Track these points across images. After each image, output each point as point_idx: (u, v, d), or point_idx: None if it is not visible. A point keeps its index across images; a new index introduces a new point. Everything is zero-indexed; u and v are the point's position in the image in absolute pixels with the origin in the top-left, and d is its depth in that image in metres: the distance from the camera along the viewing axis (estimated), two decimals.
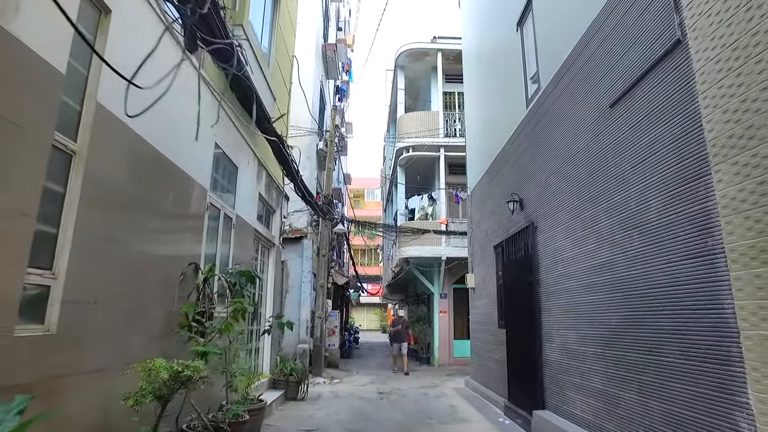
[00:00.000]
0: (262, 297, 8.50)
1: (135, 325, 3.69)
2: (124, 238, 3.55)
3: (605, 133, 4.44)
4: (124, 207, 3.55)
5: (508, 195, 7.48)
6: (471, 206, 10.80)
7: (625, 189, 4.06)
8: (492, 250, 8.68)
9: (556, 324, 5.53)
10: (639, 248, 3.82)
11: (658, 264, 3.55)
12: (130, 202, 3.64)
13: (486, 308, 9.08)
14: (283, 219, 9.53)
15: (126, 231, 3.58)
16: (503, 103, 8.41)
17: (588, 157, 4.78)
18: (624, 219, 4.05)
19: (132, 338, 3.62)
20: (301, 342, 11.84)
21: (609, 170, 4.34)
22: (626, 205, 4.03)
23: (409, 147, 16.12)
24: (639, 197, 3.84)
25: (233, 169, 6.39)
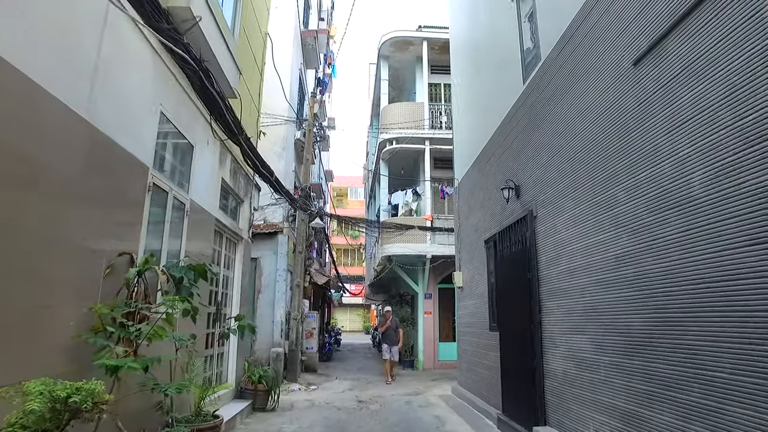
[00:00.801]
0: (227, 296, 7.60)
1: (31, 330, 2.80)
2: (21, 222, 2.67)
3: (627, 98, 3.68)
4: (20, 182, 2.68)
5: (501, 183, 6.73)
6: (458, 199, 10.04)
7: (655, 161, 3.30)
8: (482, 245, 7.92)
9: (561, 327, 4.78)
10: (675, 234, 3.06)
11: (704, 252, 2.80)
12: (29, 176, 2.77)
13: (475, 309, 8.32)
14: (253, 211, 8.64)
15: (24, 213, 2.70)
16: (495, 86, 7.66)
17: (603, 129, 4.03)
18: (654, 198, 3.30)
19: (23, 348, 2.73)
20: (275, 345, 10.95)
21: (633, 141, 3.59)
22: (657, 180, 3.27)
23: (393, 139, 15.32)
24: (676, 169, 3.09)
25: (187, 148, 5.50)
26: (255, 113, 8.83)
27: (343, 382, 11.56)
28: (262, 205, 11.89)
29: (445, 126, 15.78)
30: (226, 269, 7.53)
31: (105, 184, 3.64)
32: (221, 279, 7.10)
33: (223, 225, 6.97)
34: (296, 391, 10.10)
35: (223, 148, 6.83)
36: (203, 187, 6.03)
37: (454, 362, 14.80)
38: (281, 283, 11.33)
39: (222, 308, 7.03)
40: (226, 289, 7.51)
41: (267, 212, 12.13)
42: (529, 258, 5.58)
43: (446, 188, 14.96)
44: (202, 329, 5.92)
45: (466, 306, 9.00)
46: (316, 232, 13.32)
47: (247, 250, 8.37)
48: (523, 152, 6.02)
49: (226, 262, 7.49)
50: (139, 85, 4.22)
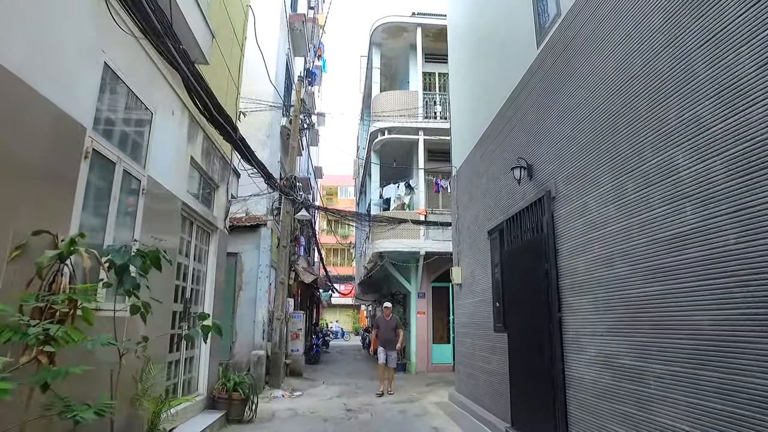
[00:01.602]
0: (199, 293, 6.72)
1: None
2: None
3: (694, 30, 2.89)
4: None
5: (509, 164, 5.94)
6: (457, 189, 9.24)
7: (743, 106, 2.51)
8: (485, 236, 7.13)
9: (589, 327, 3.98)
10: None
11: None
12: None
13: (476, 308, 7.52)
14: (230, 198, 7.76)
15: None
16: (500, 59, 6.87)
17: (658, 76, 3.24)
18: (739, 157, 2.51)
19: None
20: (256, 348, 10.07)
21: (704, 84, 2.80)
22: (745, 132, 2.48)
23: (385, 129, 14.51)
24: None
25: (144, 113, 4.63)
26: (234, 92, 7.96)
27: (330, 388, 10.70)
28: (244, 196, 11.02)
29: (440, 116, 15.03)
30: (198, 262, 6.65)
31: (18, 141, 2.78)
32: (190, 272, 6.22)
33: (193, 211, 6.10)
34: (279, 398, 9.23)
35: (193, 123, 5.96)
36: (166, 165, 5.16)
37: (448, 365, 14.05)
38: (264, 280, 10.45)
39: (191, 306, 6.15)
40: (197, 285, 6.63)
41: (249, 204, 11.25)
42: (546, 247, 4.78)
43: (441, 181, 14.20)
44: (163, 329, 5.05)
45: (466, 305, 8.19)
46: (302, 226, 12.45)
47: (222, 242, 7.49)
48: (539, 125, 5.23)
49: (198, 254, 6.61)
50: (73, 25, 3.35)
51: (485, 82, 7.63)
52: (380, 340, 10.46)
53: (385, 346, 10.33)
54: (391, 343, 10.32)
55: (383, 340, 10.42)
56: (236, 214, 10.97)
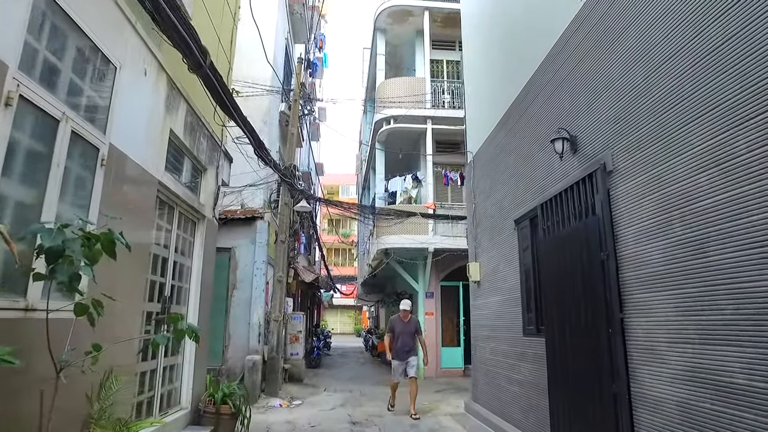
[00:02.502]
0: (182, 291, 5.82)
1: None
2: None
3: None
4: None
5: (545, 137, 5.05)
6: (473, 176, 8.34)
7: None
8: (511, 226, 6.23)
9: (673, 332, 3.08)
10: None
11: None
12: None
13: (500, 308, 6.61)
14: (220, 185, 6.86)
15: None
16: (534, 11, 5.97)
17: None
18: None
19: None
20: (251, 352, 9.17)
21: None
22: None
23: (391, 118, 13.61)
24: None
25: (105, 66, 3.74)
26: (225, 64, 7.06)
27: (332, 396, 9.80)
28: (239, 187, 10.13)
29: (449, 105, 14.14)
30: (181, 255, 5.75)
31: None
32: (171, 266, 5.31)
33: (173, 194, 5.20)
34: (276, 407, 8.33)
35: (174, 91, 5.06)
36: (137, 135, 4.27)
37: (458, 370, 13.15)
38: (260, 278, 9.55)
39: (171, 305, 5.24)
40: (180, 281, 5.73)
41: (245, 196, 10.37)
42: (601, 232, 3.87)
43: (450, 173, 13.31)
44: (131, 333, 4.14)
45: (486, 304, 7.28)
46: (302, 220, 11.55)
47: (211, 233, 6.60)
48: (588, 84, 4.32)
49: (181, 246, 5.71)
50: None
51: (511, 48, 6.72)
52: (396, 348, 8.17)
53: (401, 357, 8.12)
54: (410, 352, 8.18)
55: (400, 348, 8.12)
56: (230, 207, 10.09)
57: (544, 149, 5.15)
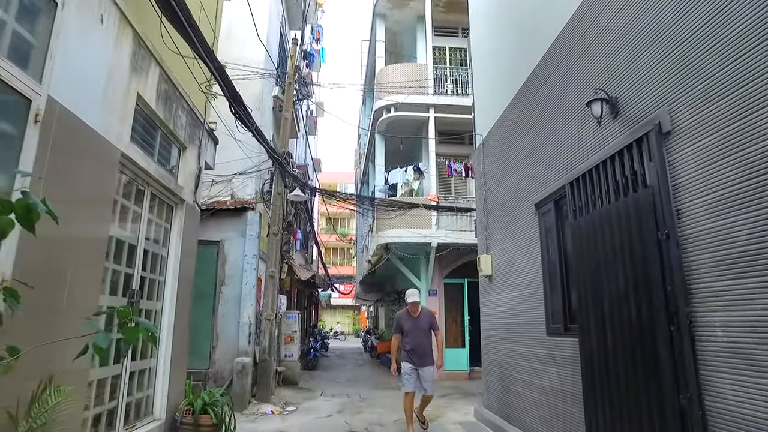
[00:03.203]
0: (157, 285, 5.08)
1: None
2: None
3: None
4: None
5: (571, 108, 4.34)
6: (483, 162, 7.62)
7: None
8: (531, 212, 5.51)
9: (765, 327, 2.36)
10: None
11: None
12: None
13: (517, 304, 5.90)
14: (202, 166, 6.11)
15: None
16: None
17: None
18: None
19: None
20: (241, 353, 8.42)
21: None
22: None
23: (391, 106, 12.87)
24: None
25: (42, 1, 3.00)
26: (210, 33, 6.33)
27: (330, 401, 9.05)
28: (228, 175, 9.40)
29: (453, 93, 13.42)
30: (155, 243, 5.01)
31: None
32: (139, 255, 4.57)
33: (142, 171, 4.46)
34: (268, 414, 7.59)
35: (142, 49, 4.33)
36: (91, 93, 3.53)
37: (463, 372, 12.43)
38: (250, 273, 8.80)
39: (137, 299, 4.49)
40: (153, 273, 4.99)
41: (235, 186, 9.63)
42: (657, 206, 3.15)
43: (454, 164, 12.58)
44: (78, 331, 3.40)
45: (500, 301, 6.56)
46: (297, 211, 10.81)
47: (192, 220, 5.86)
48: (627, 39, 3.60)
49: (154, 233, 4.97)
50: None
51: (526, 16, 5.99)
52: (406, 351, 6.10)
53: (414, 361, 6.02)
54: (426, 355, 6.07)
55: (411, 350, 6.04)
56: (219, 197, 9.35)
57: (571, 120, 4.45)
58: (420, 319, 6.17)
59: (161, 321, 5.15)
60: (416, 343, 6.05)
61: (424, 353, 6.05)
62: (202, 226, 8.92)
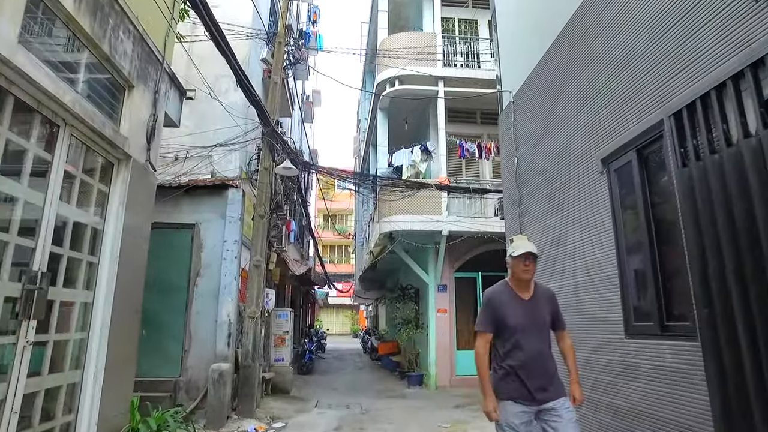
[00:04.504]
0: (82, 266, 3.67)
1: None
2: None
3: None
4: None
5: (666, 13, 2.96)
6: (513, 123, 6.22)
7: None
8: (593, 171, 4.14)
9: None
10: None
11: None
12: None
13: (569, 295, 4.51)
14: (157, 114, 4.67)
15: None
16: None
17: None
18: None
19: None
20: (219, 358, 7.02)
21: None
22: None
23: (395, 78, 11.46)
24: None
25: None
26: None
27: (326, 413, 7.66)
28: (207, 147, 8.00)
29: (463, 65, 12.04)
30: (79, 209, 3.61)
31: None
32: (46, 222, 3.14)
33: (48, 96, 3.05)
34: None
35: None
36: None
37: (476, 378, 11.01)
38: (231, 263, 7.40)
39: (45, 286, 3.06)
40: (78, 252, 3.58)
41: (216, 161, 8.24)
42: None
43: (466, 144, 11.19)
44: None
45: None
46: (287, 190, 9.38)
47: (143, 185, 4.44)
48: None
49: (77, 195, 3.56)
50: None
51: None
52: (510, 370, 2.84)
53: (530, 393, 2.77)
54: (551, 377, 2.86)
55: (524, 369, 2.81)
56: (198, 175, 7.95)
57: (671, 28, 3.05)
58: (536, 304, 2.97)
59: (91, 317, 3.74)
60: (532, 353, 2.82)
61: (547, 373, 2.83)
62: (173, 206, 7.52)
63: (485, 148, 11.21)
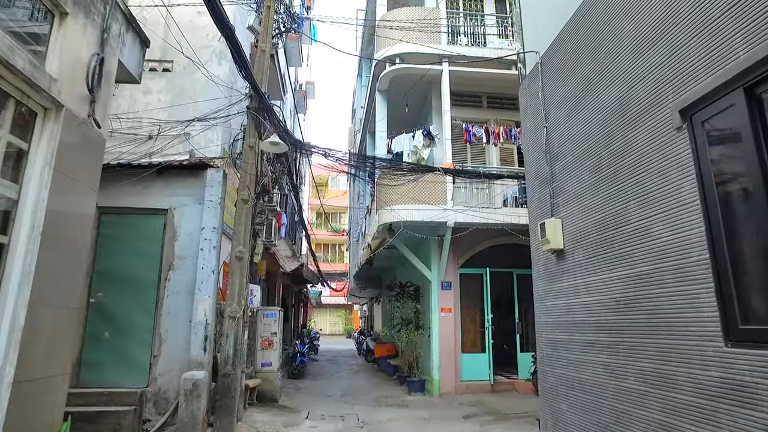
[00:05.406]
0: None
1: None
2: None
3: None
4: None
5: None
6: (541, 87, 5.27)
7: None
8: (664, 128, 3.19)
9: None
10: None
11: None
12: None
13: (628, 289, 3.56)
14: (102, 55, 3.68)
15: None
16: None
17: None
18: None
19: None
20: (193, 365, 6.02)
21: None
22: None
23: (396, 57, 10.50)
24: None
25: None
26: None
27: (318, 428, 6.67)
28: (183, 121, 7.00)
29: (469, 43, 11.10)
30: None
31: None
32: None
33: None
34: None
35: None
36: None
37: (484, 383, 10.07)
38: (209, 254, 6.39)
39: None
40: None
41: (195, 140, 7.23)
42: None
43: (473, 128, 10.25)
44: None
45: (581, 286, 4.22)
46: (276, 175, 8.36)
47: (82, 145, 3.44)
48: None
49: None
50: None
51: None
52: None
53: None
54: None
55: None
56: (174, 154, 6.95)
57: None
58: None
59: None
60: None
61: None
62: (143, 189, 6.49)
63: (493, 133, 10.28)
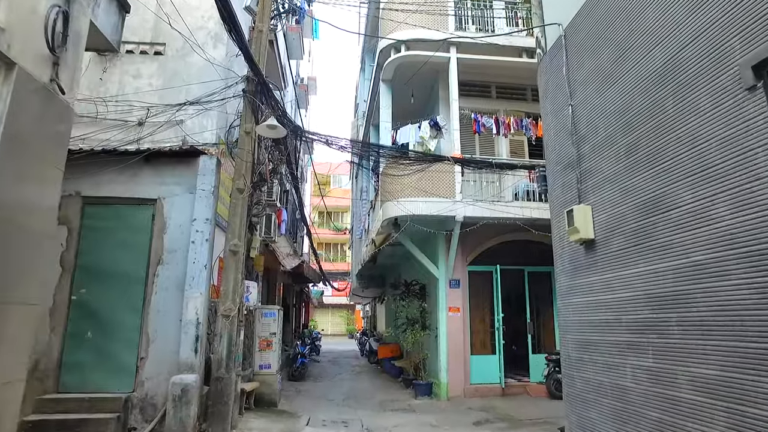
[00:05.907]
0: None
1: None
2: None
3: None
4: None
5: None
6: (565, 62, 4.76)
7: None
8: (733, 92, 2.69)
9: None
10: None
11: None
12: None
13: (675, 283, 3.06)
14: (63, 9, 3.19)
15: None
16: None
17: None
18: None
19: None
20: (183, 368, 5.53)
21: None
22: None
23: (401, 43, 10.00)
24: None
25: None
26: None
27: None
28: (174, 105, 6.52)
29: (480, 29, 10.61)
30: None
31: None
32: None
33: None
34: None
35: None
36: None
37: (494, 386, 9.54)
38: (201, 247, 5.91)
39: None
40: None
41: (189, 126, 6.73)
42: None
43: (483, 118, 9.74)
44: None
45: (616, 281, 3.71)
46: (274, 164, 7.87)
47: (41, 115, 2.95)
48: None
49: None
50: None
51: None
52: None
53: None
54: None
55: None
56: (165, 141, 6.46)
57: None
58: None
59: None
60: None
61: None
62: (130, 177, 6.01)
63: (504, 123, 9.78)
